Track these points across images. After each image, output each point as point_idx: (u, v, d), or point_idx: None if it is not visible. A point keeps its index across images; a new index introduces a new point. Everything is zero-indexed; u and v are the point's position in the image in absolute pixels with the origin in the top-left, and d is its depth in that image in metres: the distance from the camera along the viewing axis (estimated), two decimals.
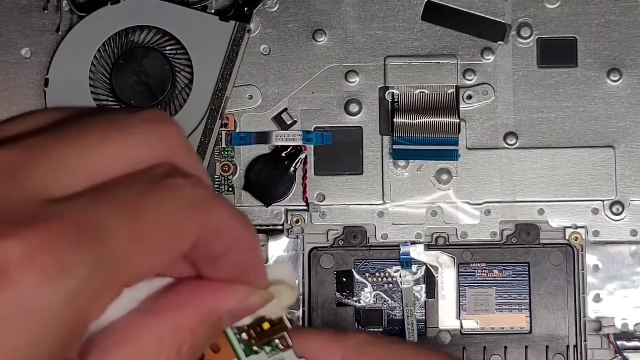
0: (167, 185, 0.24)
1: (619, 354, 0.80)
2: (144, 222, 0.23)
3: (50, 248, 0.22)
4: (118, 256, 0.23)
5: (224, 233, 0.25)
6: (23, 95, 0.82)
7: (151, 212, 0.23)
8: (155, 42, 0.80)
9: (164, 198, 0.24)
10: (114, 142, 0.24)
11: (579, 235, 0.81)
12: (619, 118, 0.81)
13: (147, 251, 0.23)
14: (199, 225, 0.25)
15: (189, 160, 0.26)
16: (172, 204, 0.24)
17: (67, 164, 0.23)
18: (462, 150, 0.81)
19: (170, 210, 0.24)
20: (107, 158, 0.24)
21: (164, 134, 0.25)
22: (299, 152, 0.81)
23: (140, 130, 0.25)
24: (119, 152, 0.24)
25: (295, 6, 0.82)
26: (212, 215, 0.25)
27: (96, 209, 0.23)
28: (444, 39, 0.82)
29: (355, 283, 0.81)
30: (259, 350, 0.30)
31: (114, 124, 0.24)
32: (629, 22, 0.82)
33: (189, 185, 0.25)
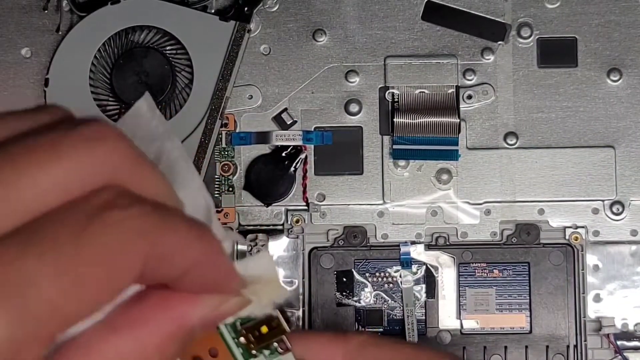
0: (102, 221, 0.22)
1: (619, 354, 0.80)
2: (74, 267, 0.22)
3: None
4: (45, 308, 0.21)
5: (175, 258, 0.24)
6: (23, 95, 0.82)
7: (84, 255, 0.22)
8: (155, 42, 0.80)
9: (98, 238, 0.22)
10: (49, 168, 0.22)
11: (579, 235, 0.81)
12: (619, 118, 0.81)
13: (78, 299, 0.22)
14: (141, 259, 0.23)
15: (135, 179, 0.24)
16: (108, 244, 0.22)
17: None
18: (462, 150, 0.81)
19: (106, 251, 0.22)
20: (40, 192, 0.22)
21: (106, 152, 0.23)
22: (299, 152, 0.81)
23: (78, 153, 0.23)
24: (53, 184, 0.22)
25: (295, 6, 0.82)
26: (157, 245, 0.23)
27: (23, 256, 0.21)
28: (444, 39, 0.82)
29: (355, 283, 0.81)
30: (257, 354, 0.30)
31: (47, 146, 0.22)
32: (629, 22, 0.82)
33: (128, 218, 0.23)
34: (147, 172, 0.24)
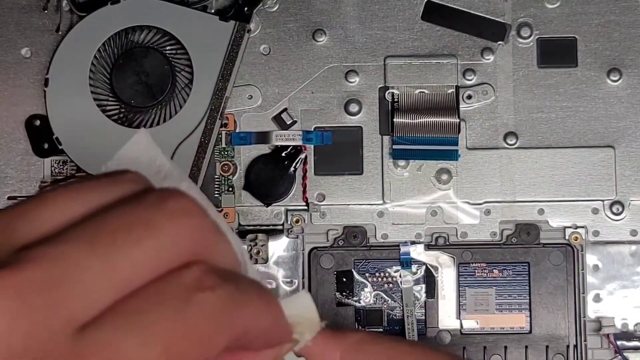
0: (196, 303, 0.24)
1: (619, 354, 0.80)
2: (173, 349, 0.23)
3: None
4: None
5: (250, 332, 0.25)
6: (23, 95, 0.82)
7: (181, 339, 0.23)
8: (155, 42, 0.80)
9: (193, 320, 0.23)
10: (141, 250, 0.23)
11: (579, 235, 0.81)
12: (619, 118, 0.81)
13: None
14: (228, 336, 0.24)
15: (216, 250, 0.25)
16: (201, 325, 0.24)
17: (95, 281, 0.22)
18: (462, 150, 0.81)
19: (200, 331, 0.24)
20: (135, 268, 0.23)
21: (191, 230, 0.24)
22: (299, 152, 0.81)
23: (166, 232, 0.24)
24: (146, 260, 0.23)
25: (295, 6, 0.82)
26: (239, 323, 0.25)
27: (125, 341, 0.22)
28: (444, 39, 0.82)
29: (355, 283, 0.81)
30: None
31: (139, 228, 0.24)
32: (629, 22, 0.82)
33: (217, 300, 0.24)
34: (222, 242, 0.26)
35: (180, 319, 0.23)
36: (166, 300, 0.23)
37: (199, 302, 0.24)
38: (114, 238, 0.23)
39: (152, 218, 0.24)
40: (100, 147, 0.78)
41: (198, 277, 0.24)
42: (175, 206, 0.24)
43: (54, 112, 0.80)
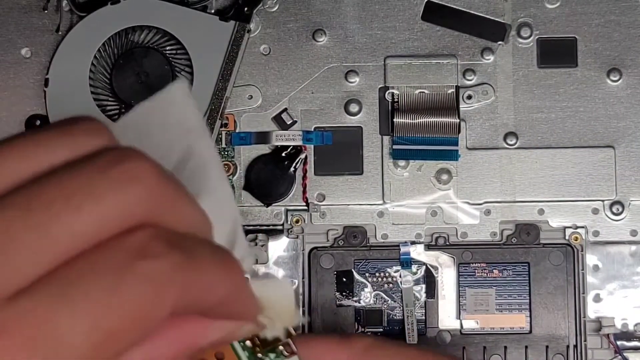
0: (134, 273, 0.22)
1: (619, 354, 0.80)
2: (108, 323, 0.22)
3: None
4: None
5: (202, 299, 0.24)
6: (23, 95, 0.82)
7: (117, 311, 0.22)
8: (155, 42, 0.80)
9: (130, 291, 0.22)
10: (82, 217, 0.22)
11: (579, 235, 0.81)
12: (619, 118, 0.81)
13: (110, 349, 0.22)
14: (171, 305, 0.23)
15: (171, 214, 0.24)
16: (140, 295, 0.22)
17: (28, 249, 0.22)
18: (462, 150, 0.81)
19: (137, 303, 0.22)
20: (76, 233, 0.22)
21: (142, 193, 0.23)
22: (299, 152, 0.81)
23: (114, 197, 0.22)
24: (87, 227, 0.22)
25: (295, 6, 0.82)
26: (186, 293, 0.23)
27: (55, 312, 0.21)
28: (444, 39, 0.82)
29: (355, 283, 0.81)
30: (263, 358, 0.30)
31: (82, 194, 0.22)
32: (629, 22, 0.82)
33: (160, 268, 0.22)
34: (184, 207, 0.24)
35: (116, 290, 0.22)
36: (102, 269, 0.22)
37: (138, 271, 0.22)
38: (50, 205, 0.22)
39: (95, 184, 0.22)
40: None
41: (142, 243, 0.23)
42: (124, 170, 0.23)
43: (54, 112, 0.80)
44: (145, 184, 0.23)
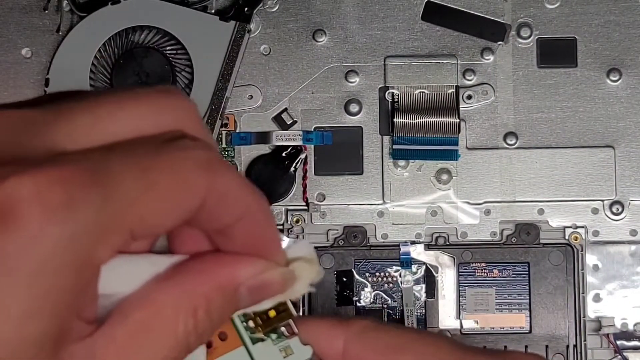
0: (176, 145, 0.25)
1: (618, 354, 0.80)
2: (153, 173, 0.24)
3: (58, 187, 0.22)
4: (127, 200, 0.23)
5: (231, 199, 0.26)
6: (23, 96, 0.82)
7: (160, 166, 0.24)
8: (155, 42, 0.80)
9: (173, 155, 0.24)
10: (127, 108, 0.25)
11: (579, 235, 0.81)
12: (619, 118, 0.81)
13: (155, 199, 0.24)
14: (207, 185, 0.25)
15: (198, 130, 0.26)
16: (181, 161, 0.24)
17: (81, 124, 0.24)
18: (462, 150, 0.81)
19: (179, 166, 0.24)
20: (120, 122, 0.25)
21: (176, 105, 0.26)
22: (299, 152, 0.81)
23: (152, 100, 0.25)
24: (131, 117, 0.25)
25: (295, 6, 0.82)
26: (219, 179, 0.25)
27: (108, 158, 0.23)
28: (444, 39, 0.82)
29: (355, 283, 0.81)
30: (265, 338, 0.30)
31: (128, 94, 0.25)
32: (629, 22, 0.82)
33: (198, 147, 0.25)
34: (206, 129, 0.27)
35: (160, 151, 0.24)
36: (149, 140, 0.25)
37: (178, 144, 0.25)
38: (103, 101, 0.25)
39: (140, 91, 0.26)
40: None
41: (179, 134, 0.25)
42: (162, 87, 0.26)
43: None
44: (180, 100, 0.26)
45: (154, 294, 0.26)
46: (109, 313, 0.25)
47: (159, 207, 0.24)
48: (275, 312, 0.30)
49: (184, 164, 0.24)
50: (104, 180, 0.23)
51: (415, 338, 0.31)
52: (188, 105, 0.26)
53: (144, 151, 0.24)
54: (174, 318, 0.25)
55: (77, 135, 0.24)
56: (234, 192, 0.26)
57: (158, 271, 0.26)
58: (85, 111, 0.24)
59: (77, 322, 0.24)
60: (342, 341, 0.31)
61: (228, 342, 0.30)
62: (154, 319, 0.25)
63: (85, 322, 0.24)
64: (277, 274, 0.28)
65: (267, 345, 0.31)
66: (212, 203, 0.25)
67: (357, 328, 0.31)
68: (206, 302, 0.26)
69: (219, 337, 0.30)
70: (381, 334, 0.31)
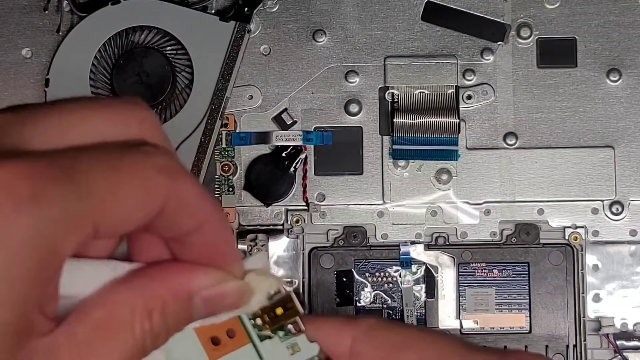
0: (140, 150, 0.26)
1: (618, 354, 0.80)
2: (119, 173, 0.25)
3: (27, 179, 0.23)
4: (94, 197, 0.24)
5: (190, 206, 0.27)
6: (23, 96, 0.82)
7: (126, 168, 0.25)
8: (155, 42, 0.81)
9: (137, 159, 0.25)
10: (96, 114, 0.26)
11: (579, 235, 0.81)
12: (619, 118, 0.81)
13: (120, 198, 0.25)
14: (167, 189, 0.26)
15: (161, 140, 0.27)
16: (145, 164, 0.25)
17: (52, 126, 0.25)
18: (462, 150, 0.81)
19: (143, 169, 0.25)
20: (88, 127, 0.26)
21: (141, 116, 0.27)
22: (299, 152, 0.81)
23: (120, 110, 0.27)
24: (99, 124, 0.26)
25: (295, 6, 0.82)
26: (180, 185, 0.26)
27: (77, 157, 0.24)
28: (444, 39, 0.82)
29: (355, 283, 0.81)
30: (272, 335, 0.31)
31: (98, 102, 0.27)
32: (629, 22, 0.82)
33: (160, 153, 0.26)
34: (167, 140, 0.28)
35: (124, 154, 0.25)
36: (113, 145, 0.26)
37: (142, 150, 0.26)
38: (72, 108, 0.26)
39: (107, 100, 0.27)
40: None
41: (143, 142, 0.27)
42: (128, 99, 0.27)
43: None
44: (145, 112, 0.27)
45: (111, 295, 0.26)
46: (69, 312, 0.26)
47: (123, 206, 0.25)
48: (283, 309, 0.31)
49: (147, 167, 0.25)
50: (72, 176, 0.23)
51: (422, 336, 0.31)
52: (152, 117, 0.27)
53: (110, 153, 0.25)
54: (130, 318, 0.26)
55: (48, 136, 0.25)
56: (193, 199, 0.26)
57: (117, 276, 0.27)
58: (56, 114, 0.25)
59: (39, 316, 0.24)
60: (349, 339, 0.31)
61: (236, 340, 0.31)
62: (111, 318, 0.26)
63: (46, 318, 0.25)
64: (233, 286, 0.29)
65: (274, 342, 0.31)
66: (171, 208, 0.26)
67: (364, 326, 0.31)
68: (161, 305, 0.27)
69: (227, 334, 0.31)
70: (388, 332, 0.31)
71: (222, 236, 0.28)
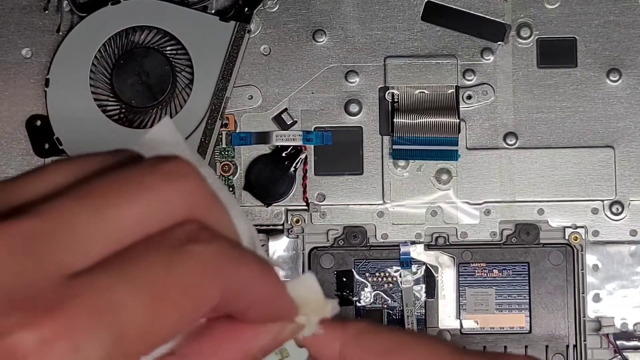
0: (188, 253, 0.24)
1: (618, 354, 0.80)
2: (163, 297, 0.23)
3: (65, 335, 0.22)
4: (136, 333, 0.23)
5: (246, 292, 0.26)
6: (23, 96, 0.82)
7: (171, 284, 0.23)
8: (155, 42, 0.81)
9: (184, 269, 0.24)
10: (134, 205, 0.24)
11: (579, 235, 0.81)
12: (619, 118, 0.81)
13: (165, 325, 0.23)
14: (220, 290, 0.24)
15: (211, 215, 0.25)
16: (193, 274, 0.24)
17: (87, 233, 0.23)
18: (462, 150, 0.81)
19: (191, 281, 0.24)
20: (127, 223, 0.24)
21: (185, 191, 0.25)
22: (299, 152, 0.81)
23: (160, 191, 0.24)
24: (139, 216, 0.24)
25: (295, 6, 0.82)
26: (233, 278, 0.25)
27: (115, 287, 0.23)
28: (444, 39, 0.82)
29: (355, 283, 0.81)
30: None
31: (133, 186, 0.24)
32: (628, 22, 0.82)
33: (210, 252, 0.24)
34: (219, 210, 0.26)
35: (172, 267, 0.23)
36: (157, 250, 0.23)
37: (190, 252, 0.24)
38: (106, 195, 0.23)
39: (145, 178, 0.24)
40: (101, 147, 0.78)
41: (192, 231, 0.24)
42: (170, 168, 0.24)
43: (54, 113, 0.80)
44: (190, 181, 0.25)
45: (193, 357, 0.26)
46: None
47: (170, 328, 0.24)
48: None
49: (196, 277, 0.24)
50: (112, 318, 0.22)
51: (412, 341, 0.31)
52: (199, 188, 0.25)
53: (153, 268, 0.23)
54: None
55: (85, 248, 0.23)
56: (247, 287, 0.26)
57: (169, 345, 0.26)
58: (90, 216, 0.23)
59: None
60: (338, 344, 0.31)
61: None
62: None
63: None
64: (289, 332, 0.29)
65: None
66: (227, 299, 0.25)
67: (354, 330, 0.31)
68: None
69: None
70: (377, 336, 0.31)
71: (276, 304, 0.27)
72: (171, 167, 0.24)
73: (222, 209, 0.26)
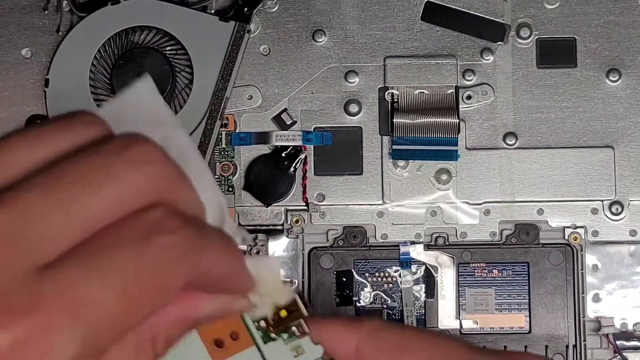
0: (156, 244, 0.24)
1: (618, 354, 0.80)
2: (133, 289, 0.24)
3: (39, 335, 0.22)
4: (107, 326, 0.23)
5: (210, 273, 0.26)
6: (23, 96, 0.82)
7: (141, 279, 0.24)
8: (155, 42, 0.81)
9: (152, 261, 0.24)
10: (100, 197, 0.24)
11: (579, 235, 0.81)
12: (619, 118, 0.81)
13: (135, 315, 0.24)
14: (186, 276, 0.25)
15: (178, 197, 0.26)
16: (161, 266, 0.24)
17: (56, 223, 0.23)
18: (462, 150, 0.81)
19: (159, 272, 0.24)
20: (94, 213, 0.24)
21: (151, 177, 0.25)
22: (299, 153, 0.81)
23: (126, 180, 0.24)
24: (105, 206, 0.24)
25: (295, 6, 0.82)
26: (198, 265, 0.25)
27: (86, 281, 0.23)
28: (444, 39, 0.82)
29: (355, 283, 0.81)
30: (276, 337, 0.31)
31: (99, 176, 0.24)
32: (628, 22, 0.82)
33: (177, 242, 0.25)
34: (185, 189, 0.26)
35: (140, 260, 0.24)
36: (126, 241, 0.24)
37: (159, 243, 0.24)
38: (71, 186, 0.23)
39: (111, 166, 0.24)
40: None
41: (159, 219, 0.25)
42: (135, 154, 0.25)
43: (54, 113, 0.80)
44: (156, 166, 0.25)
45: None
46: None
47: (140, 315, 0.24)
48: (287, 312, 0.31)
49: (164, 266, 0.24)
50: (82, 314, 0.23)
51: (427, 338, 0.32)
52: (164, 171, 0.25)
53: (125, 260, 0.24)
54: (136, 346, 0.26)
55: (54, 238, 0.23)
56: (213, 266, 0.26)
57: None
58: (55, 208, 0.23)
59: None
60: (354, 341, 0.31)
61: (240, 342, 0.31)
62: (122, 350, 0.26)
63: None
64: (237, 307, 0.29)
65: (278, 344, 0.31)
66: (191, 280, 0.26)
67: (368, 328, 0.32)
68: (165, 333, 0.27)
69: (230, 337, 0.31)
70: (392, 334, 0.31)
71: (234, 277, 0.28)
72: (137, 153, 0.25)
73: (189, 188, 0.26)
